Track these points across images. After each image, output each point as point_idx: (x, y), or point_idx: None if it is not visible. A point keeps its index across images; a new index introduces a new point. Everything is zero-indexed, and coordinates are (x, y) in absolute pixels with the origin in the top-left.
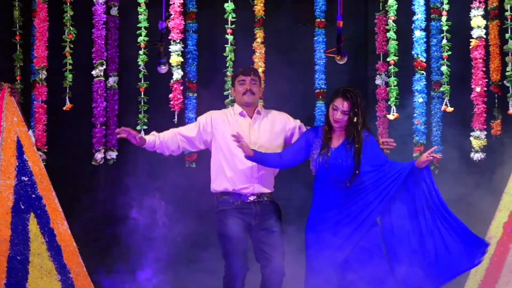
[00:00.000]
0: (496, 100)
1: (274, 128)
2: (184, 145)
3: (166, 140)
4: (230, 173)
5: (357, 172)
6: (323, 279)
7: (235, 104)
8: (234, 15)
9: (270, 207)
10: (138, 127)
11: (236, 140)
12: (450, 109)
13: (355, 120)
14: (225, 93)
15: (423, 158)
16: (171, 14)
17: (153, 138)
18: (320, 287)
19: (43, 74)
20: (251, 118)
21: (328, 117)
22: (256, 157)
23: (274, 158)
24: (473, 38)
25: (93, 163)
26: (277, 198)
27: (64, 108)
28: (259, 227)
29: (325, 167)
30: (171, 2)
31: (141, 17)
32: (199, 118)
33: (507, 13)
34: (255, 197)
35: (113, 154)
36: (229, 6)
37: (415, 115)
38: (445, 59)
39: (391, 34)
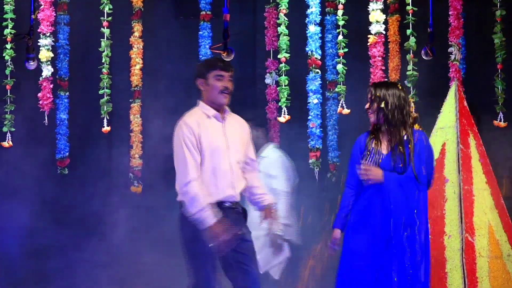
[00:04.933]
0: None
1: (244, 133)
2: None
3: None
4: (213, 181)
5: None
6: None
7: (200, 102)
8: (110, 7)
9: (243, 214)
10: (5, 129)
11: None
12: (346, 111)
13: (382, 105)
14: (100, 92)
15: None
16: (41, 5)
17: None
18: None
19: None
20: (223, 119)
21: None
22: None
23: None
24: (371, 34)
25: None
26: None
27: None
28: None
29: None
30: None
31: (7, 7)
32: (185, 141)
33: (408, 7)
34: (230, 203)
35: None
36: None
37: (309, 117)
38: (341, 57)
39: (282, 29)
